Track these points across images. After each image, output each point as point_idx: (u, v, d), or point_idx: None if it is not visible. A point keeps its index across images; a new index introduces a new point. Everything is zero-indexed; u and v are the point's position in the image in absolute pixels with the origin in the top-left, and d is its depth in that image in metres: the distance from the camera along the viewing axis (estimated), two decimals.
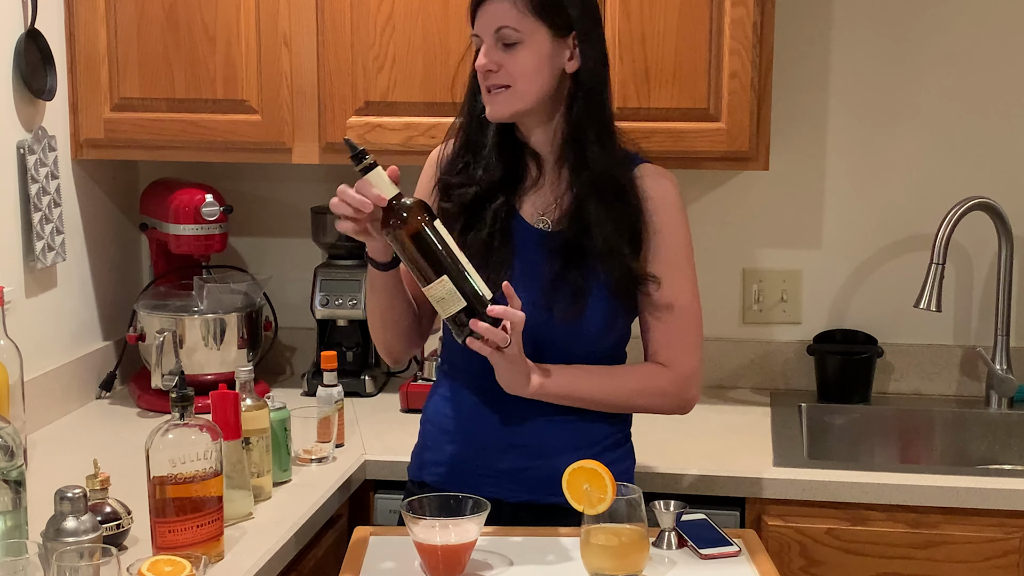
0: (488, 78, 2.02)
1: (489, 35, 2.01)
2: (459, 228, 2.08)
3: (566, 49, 2.03)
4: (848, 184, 2.93)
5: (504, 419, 2.09)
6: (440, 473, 2.13)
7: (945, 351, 2.92)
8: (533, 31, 2.00)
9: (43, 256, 2.60)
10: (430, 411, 2.21)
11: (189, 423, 1.87)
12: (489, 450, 2.10)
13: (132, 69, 2.70)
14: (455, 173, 2.12)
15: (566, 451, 2.03)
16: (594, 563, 1.79)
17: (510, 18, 1.99)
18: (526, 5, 1.99)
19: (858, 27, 2.87)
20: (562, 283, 2.03)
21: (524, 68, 2.00)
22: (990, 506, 2.31)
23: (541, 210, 2.10)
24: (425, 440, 2.20)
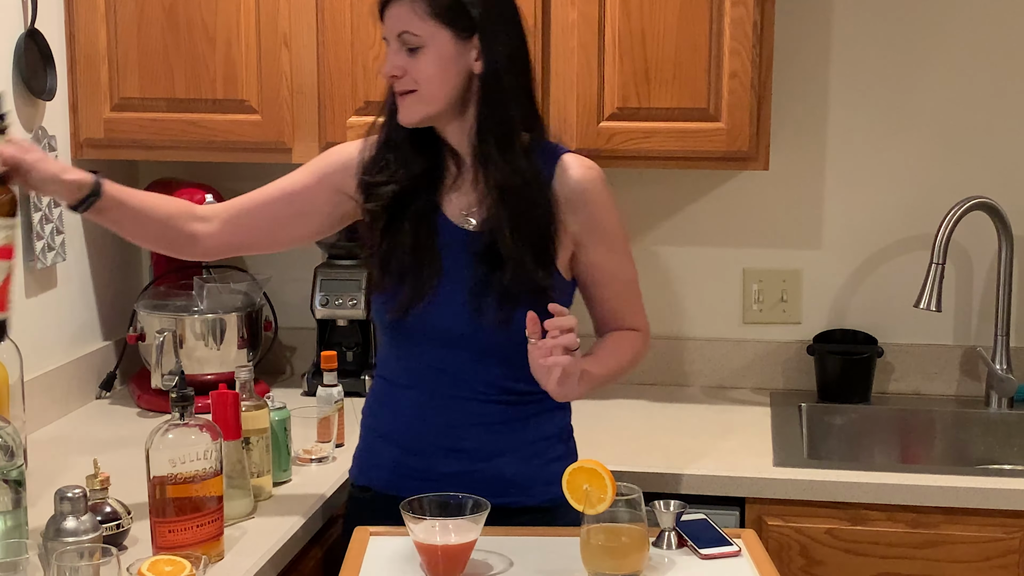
0: (394, 83, 2.02)
1: (393, 39, 2.01)
2: (382, 227, 2.08)
3: (472, 50, 2.00)
4: (848, 184, 2.93)
5: (444, 424, 2.09)
6: (383, 477, 2.13)
7: (945, 351, 2.92)
8: (434, 35, 1.98)
9: (43, 256, 2.60)
10: (369, 416, 2.20)
11: (189, 423, 1.87)
12: (431, 455, 2.09)
13: (132, 69, 2.70)
14: (376, 172, 2.10)
15: (506, 453, 2.06)
16: (594, 563, 1.79)
17: (411, 23, 1.98)
18: (426, 9, 1.97)
19: (858, 27, 2.87)
20: (487, 288, 2.02)
21: (427, 73, 1.99)
22: (990, 506, 2.31)
23: (464, 208, 2.08)
24: (366, 445, 2.19)
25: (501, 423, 2.09)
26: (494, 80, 2.02)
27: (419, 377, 2.10)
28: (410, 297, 2.05)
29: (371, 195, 2.10)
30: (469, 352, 2.06)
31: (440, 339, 2.07)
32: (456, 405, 2.08)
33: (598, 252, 2.10)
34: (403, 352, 2.12)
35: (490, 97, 2.02)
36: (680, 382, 3.00)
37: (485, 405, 2.08)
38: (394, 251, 2.06)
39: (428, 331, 2.06)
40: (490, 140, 2.02)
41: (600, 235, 2.10)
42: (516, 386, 2.08)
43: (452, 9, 1.98)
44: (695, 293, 3.01)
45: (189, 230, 2.14)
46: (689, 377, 3.00)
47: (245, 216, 2.17)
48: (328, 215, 2.17)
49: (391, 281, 2.07)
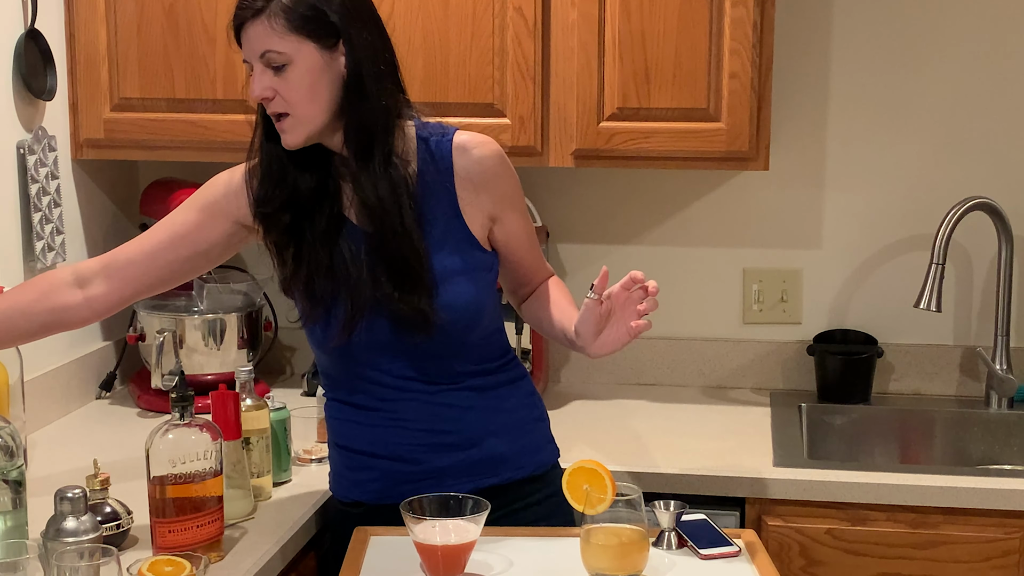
0: (268, 105, 1.96)
1: (256, 60, 1.94)
2: (292, 255, 2.02)
3: (340, 56, 1.95)
4: (848, 184, 2.93)
5: (424, 421, 2.07)
6: (376, 488, 2.09)
7: (945, 351, 2.92)
8: (298, 49, 1.92)
9: (43, 256, 2.60)
10: (339, 436, 2.14)
11: (189, 423, 1.87)
12: (417, 456, 2.07)
13: (132, 69, 2.70)
14: (265, 202, 2.03)
15: (489, 433, 2.07)
16: (594, 563, 1.79)
17: (271, 41, 1.91)
18: (284, 24, 1.90)
19: (858, 27, 2.87)
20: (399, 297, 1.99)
21: (297, 90, 1.92)
22: (990, 506, 2.31)
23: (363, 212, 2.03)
24: (347, 462, 2.13)
25: (476, 406, 2.09)
26: (356, 86, 1.96)
27: (381, 390, 2.06)
28: (348, 320, 1.99)
29: (270, 226, 2.03)
30: (418, 354, 2.04)
31: (387, 349, 2.03)
32: (424, 404, 2.07)
33: (513, 220, 2.10)
34: (357, 371, 2.07)
35: (352, 104, 1.96)
36: (680, 382, 3.00)
37: (455, 394, 2.08)
38: (314, 277, 2.00)
39: (374, 346, 2.03)
40: (352, 150, 1.97)
41: (511, 204, 2.09)
42: (477, 367, 2.09)
43: (311, 19, 1.92)
44: (695, 293, 3.01)
45: (69, 301, 2.07)
46: (689, 377, 3.00)
47: (134, 268, 2.09)
48: (224, 245, 2.11)
49: (321, 309, 2.02)
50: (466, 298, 2.04)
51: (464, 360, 2.08)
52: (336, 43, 1.95)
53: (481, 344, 2.10)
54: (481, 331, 2.10)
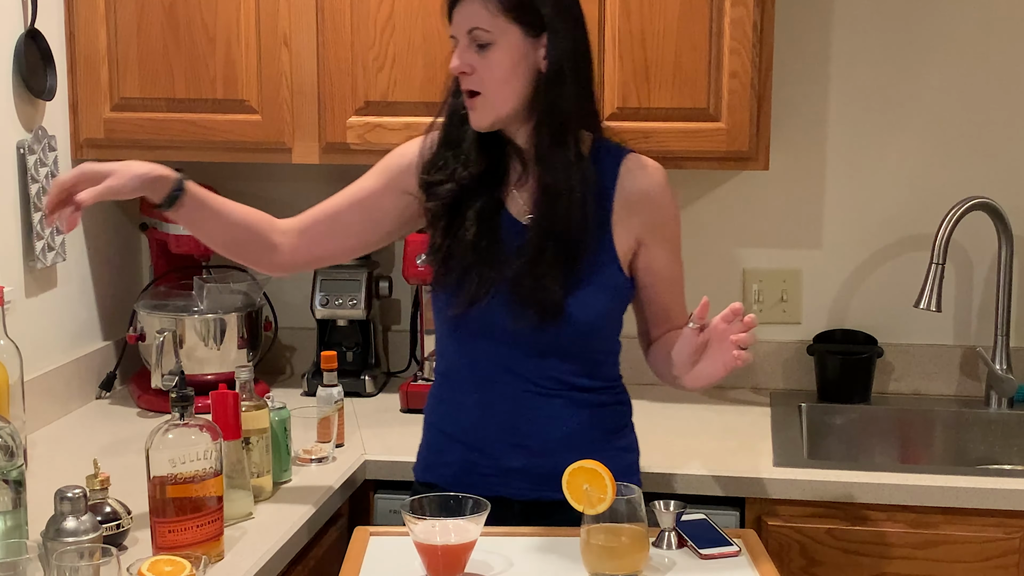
0: (463, 81, 2.02)
1: (463, 35, 2.01)
2: (443, 227, 2.08)
3: (540, 48, 2.01)
4: (848, 184, 2.93)
5: (508, 418, 2.09)
6: (448, 474, 2.13)
7: (945, 351, 2.92)
8: (505, 31, 1.98)
9: (43, 256, 2.60)
10: (432, 414, 2.21)
11: (189, 423, 1.87)
12: (494, 450, 2.10)
13: (132, 69, 2.70)
14: (434, 171, 2.10)
15: (569, 448, 2.03)
16: (594, 563, 1.79)
17: (482, 19, 1.98)
18: (497, 6, 1.97)
19: (858, 27, 2.87)
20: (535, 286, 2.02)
21: (495, 70, 1.99)
22: (990, 506, 2.31)
23: (526, 205, 2.08)
24: (430, 442, 2.20)
25: (564, 418, 2.09)
26: (557, 79, 2.02)
27: (481, 373, 2.10)
28: (472, 293, 2.05)
29: (430, 194, 2.10)
30: (528, 348, 2.06)
31: (500, 335, 2.06)
32: (518, 400, 2.08)
33: (658, 253, 2.11)
34: (465, 348, 2.12)
35: (551, 96, 2.02)
36: None
37: (549, 400, 2.09)
38: (456, 247, 2.06)
39: (488, 327, 2.07)
40: (545, 140, 2.02)
41: (663, 235, 2.10)
42: (578, 381, 2.09)
43: (523, 6, 1.98)
44: (695, 293, 2.98)
45: (271, 240, 2.16)
46: None
47: (319, 227, 2.18)
48: (397, 218, 2.17)
49: (453, 277, 2.07)
50: (596, 308, 2.05)
51: (569, 368, 2.08)
52: (540, 34, 2.00)
53: (591, 359, 2.11)
54: (596, 346, 2.11)
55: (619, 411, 2.18)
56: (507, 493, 2.06)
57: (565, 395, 2.09)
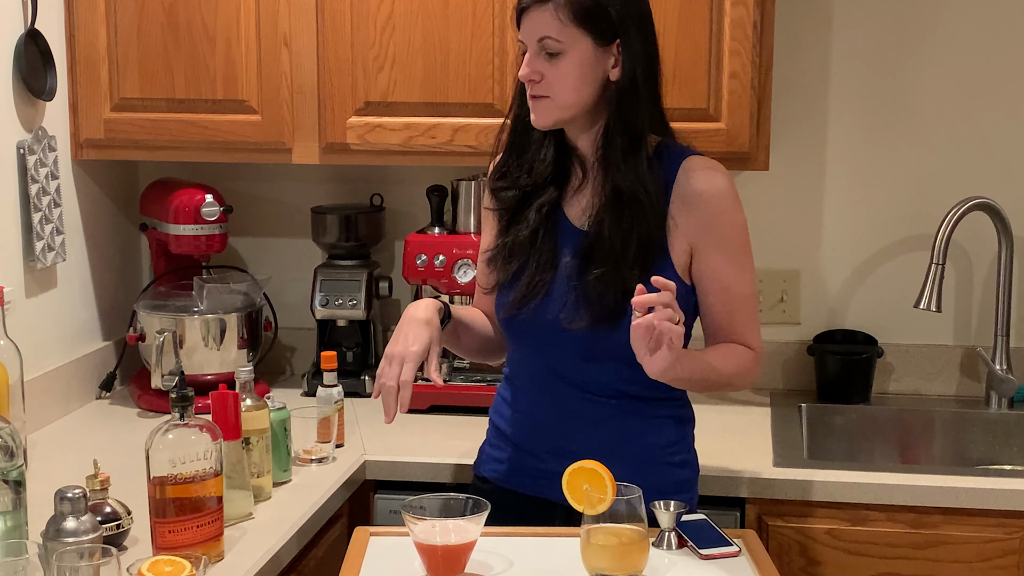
0: (531, 87, 2.02)
1: (533, 43, 2.01)
2: (503, 225, 2.12)
3: (610, 56, 2.01)
4: (848, 184, 2.93)
5: (556, 424, 2.11)
6: (499, 470, 2.17)
7: (945, 351, 2.92)
8: (575, 41, 1.98)
9: (43, 256, 2.60)
10: (493, 412, 2.25)
11: (189, 423, 1.87)
12: (541, 452, 2.12)
13: (132, 69, 2.70)
14: (501, 176, 2.14)
15: (616, 454, 1.97)
16: (594, 563, 1.79)
17: (552, 28, 1.98)
18: (568, 15, 1.97)
19: (858, 27, 2.87)
20: (593, 289, 2.02)
21: (566, 79, 1.99)
22: (990, 506, 2.31)
23: (585, 210, 2.09)
24: (489, 438, 2.24)
25: (612, 425, 2.09)
26: (631, 87, 2.02)
27: (534, 375, 2.12)
28: (523, 294, 2.07)
29: (496, 196, 2.14)
30: (579, 351, 2.06)
31: (551, 337, 2.07)
32: (568, 405, 2.09)
33: (713, 258, 2.06)
34: (520, 350, 2.15)
35: (625, 104, 2.02)
36: None
37: (597, 407, 2.08)
38: (515, 247, 2.09)
39: (539, 329, 2.07)
40: (617, 145, 2.03)
41: (716, 240, 2.06)
42: (629, 388, 2.08)
43: (595, 15, 1.98)
44: None
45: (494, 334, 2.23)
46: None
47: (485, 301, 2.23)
48: None
49: (507, 274, 2.09)
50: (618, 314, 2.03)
51: (622, 375, 2.05)
52: (611, 43, 2.01)
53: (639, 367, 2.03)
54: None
55: (677, 424, 2.15)
56: (550, 496, 2.05)
57: (615, 402, 2.08)
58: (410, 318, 2.06)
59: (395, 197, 3.01)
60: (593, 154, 2.08)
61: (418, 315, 2.05)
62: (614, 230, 2.02)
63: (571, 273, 2.05)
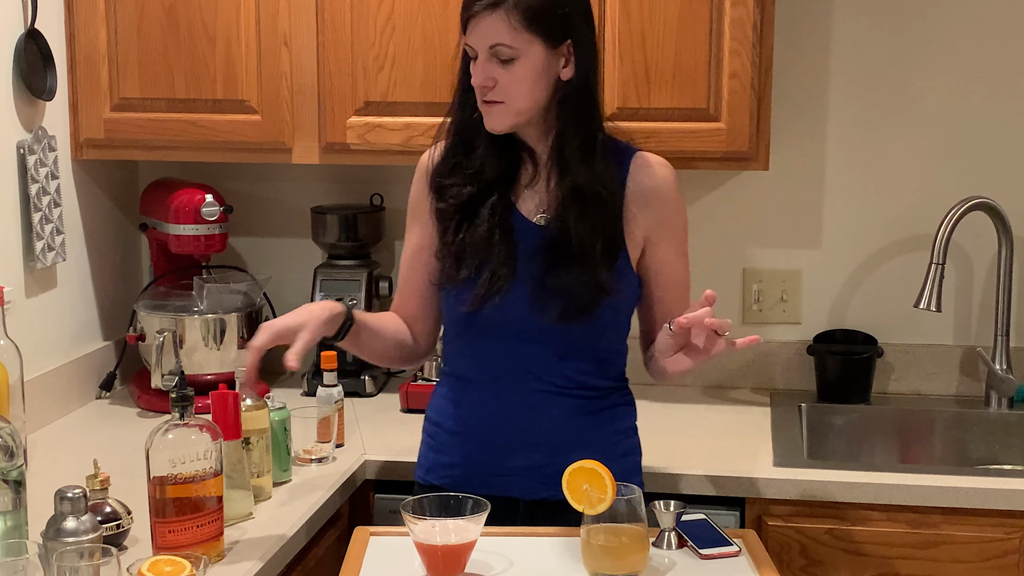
0: (484, 93, 2.02)
1: (483, 50, 2.00)
2: (454, 226, 2.09)
3: (561, 58, 2.02)
4: (848, 184, 2.93)
5: (518, 416, 2.10)
6: (452, 475, 2.13)
7: (945, 351, 2.92)
8: (528, 45, 1.98)
9: (43, 256, 2.60)
10: (435, 413, 2.21)
11: (189, 423, 1.87)
12: (503, 449, 2.11)
13: (132, 69, 2.70)
14: (448, 173, 2.12)
15: (579, 448, 2.03)
16: (594, 563, 1.79)
17: (504, 35, 1.97)
18: (520, 21, 1.97)
19: (858, 27, 2.87)
20: (550, 285, 2.04)
21: (520, 84, 2.00)
22: (990, 506, 2.31)
23: (539, 205, 2.10)
24: (432, 443, 2.20)
25: (574, 416, 2.10)
26: (584, 87, 2.03)
27: (493, 371, 2.11)
28: (486, 289, 2.05)
29: (444, 196, 2.11)
30: (542, 346, 2.07)
31: (514, 332, 2.07)
32: (531, 399, 2.09)
33: (665, 250, 2.12)
34: (477, 347, 2.13)
35: (579, 103, 2.03)
36: (680, 382, 3.00)
37: (560, 398, 2.10)
38: (470, 244, 2.07)
39: (502, 324, 2.07)
40: (574, 145, 2.04)
41: (670, 233, 2.11)
42: (589, 380, 2.11)
43: (546, 19, 1.98)
44: (695, 293, 2.98)
45: (410, 339, 2.20)
46: (689, 377, 3.00)
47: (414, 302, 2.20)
48: None
49: (467, 273, 2.07)
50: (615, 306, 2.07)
51: (583, 367, 2.10)
52: (562, 44, 2.01)
53: (604, 359, 2.12)
54: (610, 346, 2.13)
55: (627, 412, 2.19)
56: (513, 493, 2.06)
57: (576, 393, 2.10)
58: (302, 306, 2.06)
59: (395, 197, 3.01)
60: (547, 152, 2.08)
61: (309, 304, 2.06)
62: (580, 229, 2.03)
63: (538, 271, 2.05)
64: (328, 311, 2.04)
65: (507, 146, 2.09)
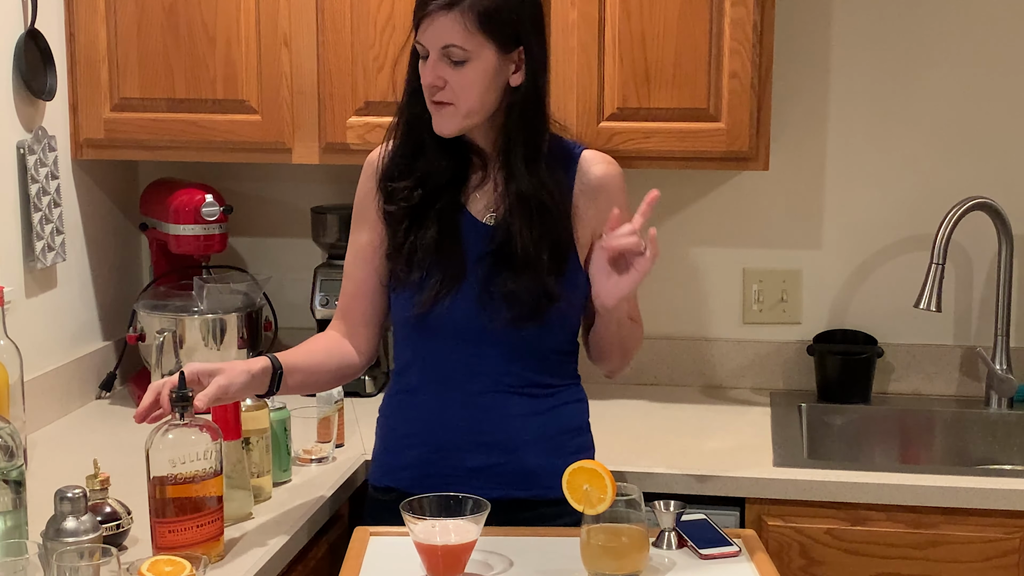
0: (434, 93, 2.01)
1: (435, 50, 1.99)
2: (404, 229, 2.08)
3: (511, 63, 2.02)
4: (848, 184, 2.93)
5: (470, 417, 2.10)
6: (407, 477, 2.13)
7: (945, 351, 2.92)
8: (480, 48, 1.98)
9: (43, 256, 2.60)
10: (389, 415, 2.21)
11: (189, 423, 1.87)
12: (457, 449, 2.10)
13: (132, 69, 2.70)
14: (396, 176, 2.11)
15: (530, 446, 2.06)
16: (594, 563, 1.79)
17: (457, 36, 1.97)
18: (474, 23, 1.96)
19: (858, 27, 2.87)
20: (497, 287, 2.04)
21: (471, 86, 1.99)
22: (990, 506, 2.31)
23: (488, 205, 2.10)
24: (387, 444, 2.20)
25: (526, 415, 2.10)
26: (533, 94, 2.04)
27: (444, 373, 2.11)
28: (436, 291, 2.05)
29: (393, 199, 2.10)
30: (491, 347, 2.07)
31: (464, 334, 2.07)
32: (482, 399, 2.09)
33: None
34: (426, 349, 2.12)
35: (526, 110, 2.04)
36: (680, 382, 3.00)
37: (511, 397, 2.10)
38: (419, 246, 2.07)
39: (452, 326, 2.07)
40: (519, 151, 2.04)
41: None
42: (541, 378, 2.11)
43: (499, 23, 1.98)
44: (695, 293, 3.00)
45: (349, 354, 2.18)
46: (689, 377, 3.00)
47: (360, 306, 2.19)
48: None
49: (418, 275, 2.07)
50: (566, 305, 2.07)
51: (534, 366, 2.10)
52: (514, 50, 2.01)
53: (555, 358, 2.12)
54: (560, 345, 2.13)
55: (578, 409, 2.19)
56: (468, 493, 2.05)
57: (528, 392, 2.10)
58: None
59: None
60: (494, 152, 2.08)
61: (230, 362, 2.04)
62: (526, 236, 2.03)
63: (485, 273, 2.05)
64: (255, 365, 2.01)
65: (456, 148, 2.09)
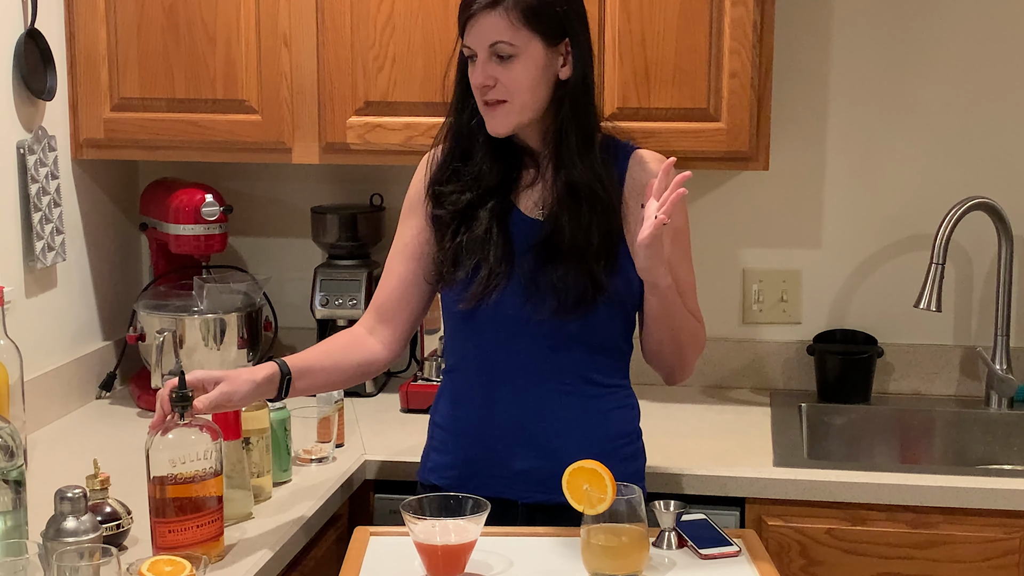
0: (485, 93, 2.02)
1: (483, 49, 2.00)
2: (451, 232, 2.09)
3: (559, 56, 2.03)
4: (848, 184, 2.93)
5: (519, 417, 2.09)
6: (452, 476, 2.13)
7: (945, 351, 2.92)
8: (527, 43, 1.99)
9: (43, 256, 2.60)
10: (438, 414, 2.21)
11: (189, 423, 1.87)
12: (502, 451, 2.10)
13: (132, 69, 2.70)
14: (445, 180, 2.11)
15: (580, 451, 2.00)
16: (594, 563, 1.79)
17: (504, 32, 1.98)
18: (519, 18, 1.97)
19: (858, 27, 2.87)
20: (560, 281, 2.03)
21: (521, 81, 2.00)
22: (990, 506, 2.31)
23: (539, 204, 2.10)
24: (434, 443, 2.20)
25: (574, 418, 2.09)
26: (583, 85, 2.04)
27: (491, 369, 2.10)
28: (484, 285, 2.05)
29: (441, 203, 2.11)
30: (545, 341, 2.06)
31: (513, 328, 2.07)
32: (530, 397, 2.08)
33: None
34: (476, 345, 2.12)
35: (577, 102, 2.04)
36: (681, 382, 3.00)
37: (560, 398, 2.08)
38: (465, 245, 2.06)
39: (500, 320, 2.07)
40: (572, 142, 2.04)
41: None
42: (588, 375, 2.10)
43: (544, 16, 1.99)
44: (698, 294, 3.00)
45: (369, 352, 2.17)
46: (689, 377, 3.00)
47: (393, 303, 2.18)
48: None
49: (463, 274, 2.07)
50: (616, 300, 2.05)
51: (585, 363, 2.09)
52: (560, 42, 2.02)
53: (604, 355, 2.11)
54: (612, 342, 2.11)
55: (629, 415, 2.17)
56: (512, 495, 2.06)
57: (576, 391, 2.09)
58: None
59: (395, 197, 3.00)
60: (545, 151, 2.08)
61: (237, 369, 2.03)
62: (574, 225, 2.03)
63: (532, 265, 2.05)
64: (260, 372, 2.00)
65: (506, 151, 2.09)
